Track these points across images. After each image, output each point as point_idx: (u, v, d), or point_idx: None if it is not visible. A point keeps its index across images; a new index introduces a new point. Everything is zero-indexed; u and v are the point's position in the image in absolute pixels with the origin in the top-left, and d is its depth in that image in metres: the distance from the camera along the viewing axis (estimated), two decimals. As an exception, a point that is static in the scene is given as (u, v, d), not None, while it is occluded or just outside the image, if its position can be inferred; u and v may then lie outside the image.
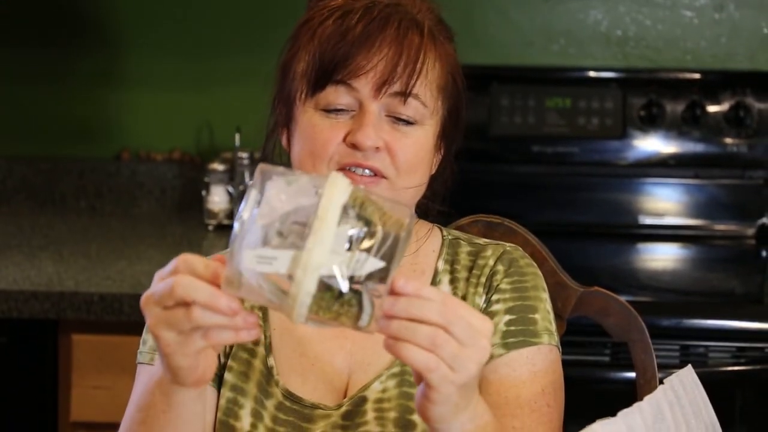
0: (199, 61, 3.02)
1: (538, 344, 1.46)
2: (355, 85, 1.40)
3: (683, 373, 1.29)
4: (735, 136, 2.87)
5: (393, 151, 1.41)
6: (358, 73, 1.40)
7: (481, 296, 1.49)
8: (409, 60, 1.40)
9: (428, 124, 1.44)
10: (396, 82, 1.40)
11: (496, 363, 1.45)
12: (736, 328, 2.34)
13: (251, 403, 1.45)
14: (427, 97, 1.43)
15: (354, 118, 1.41)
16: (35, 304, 2.32)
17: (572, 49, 3.01)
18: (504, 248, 1.53)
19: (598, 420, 1.22)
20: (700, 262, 2.86)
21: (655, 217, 2.91)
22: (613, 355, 2.31)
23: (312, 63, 1.42)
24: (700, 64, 2.99)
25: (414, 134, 1.43)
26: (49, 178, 3.05)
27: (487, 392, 1.44)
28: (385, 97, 1.41)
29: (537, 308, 1.48)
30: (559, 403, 1.46)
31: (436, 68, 1.44)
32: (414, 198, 1.48)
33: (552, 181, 2.92)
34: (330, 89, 1.41)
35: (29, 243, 2.71)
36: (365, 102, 1.41)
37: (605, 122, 2.88)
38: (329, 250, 1.09)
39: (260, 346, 1.48)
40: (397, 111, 1.42)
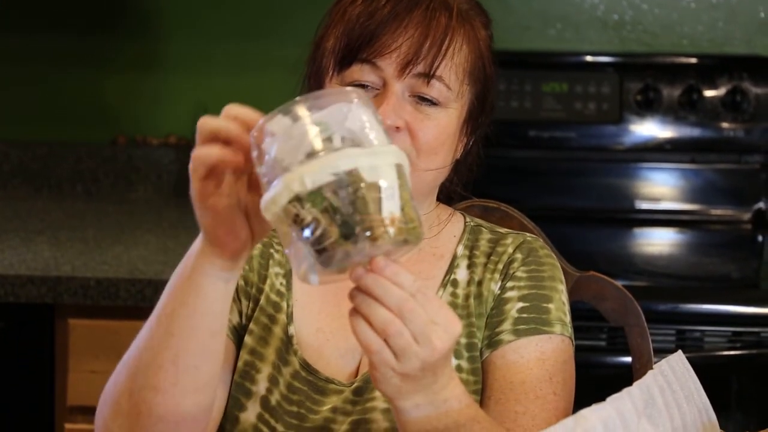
0: (194, 46, 3.02)
1: (549, 333, 1.46)
2: (380, 64, 1.41)
3: (673, 358, 1.29)
4: (732, 121, 2.87)
5: (414, 131, 1.42)
6: (383, 52, 1.40)
7: (497, 282, 1.50)
8: (434, 41, 1.41)
9: (452, 108, 1.45)
10: (420, 63, 1.40)
11: (504, 349, 1.45)
12: (732, 312, 2.34)
13: (269, 368, 1.47)
14: (451, 80, 1.43)
15: (377, 96, 1.42)
16: (32, 289, 2.32)
17: (569, 34, 3.00)
18: (525, 237, 1.55)
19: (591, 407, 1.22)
20: (697, 246, 2.86)
21: (651, 201, 2.92)
22: (609, 339, 2.31)
23: (340, 41, 1.43)
24: (697, 49, 2.99)
25: (437, 116, 1.43)
26: (45, 163, 3.05)
27: (493, 377, 1.45)
28: (408, 78, 1.41)
29: (552, 298, 1.49)
30: (568, 394, 1.45)
31: (464, 51, 1.44)
32: (435, 180, 1.48)
33: (549, 166, 2.92)
34: (355, 67, 1.42)
35: (26, 227, 2.70)
36: (389, 81, 1.41)
37: (602, 107, 2.88)
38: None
39: (282, 313, 1.49)
40: (421, 91, 1.42)
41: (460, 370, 1.46)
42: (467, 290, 1.51)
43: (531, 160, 2.91)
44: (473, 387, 1.46)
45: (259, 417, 1.45)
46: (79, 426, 2.39)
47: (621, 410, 1.18)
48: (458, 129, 1.47)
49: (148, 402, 1.24)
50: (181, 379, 1.23)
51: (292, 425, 1.45)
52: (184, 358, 1.23)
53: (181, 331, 1.22)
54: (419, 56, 1.40)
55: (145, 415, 1.25)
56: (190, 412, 1.25)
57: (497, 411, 1.42)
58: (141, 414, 1.25)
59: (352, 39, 1.42)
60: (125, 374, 1.28)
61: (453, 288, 1.51)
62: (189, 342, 1.23)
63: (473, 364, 1.47)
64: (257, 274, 1.51)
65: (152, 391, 1.24)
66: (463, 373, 1.46)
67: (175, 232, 2.68)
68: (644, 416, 1.21)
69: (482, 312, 1.49)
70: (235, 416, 1.46)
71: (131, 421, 1.26)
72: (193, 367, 1.23)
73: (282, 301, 1.50)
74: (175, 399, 1.24)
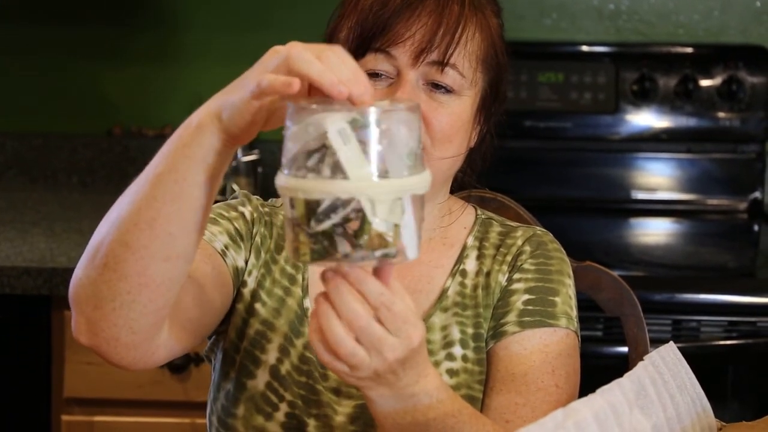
0: (192, 37, 3.01)
1: (554, 326, 1.46)
2: (394, 53, 1.42)
3: (664, 349, 1.29)
4: (728, 110, 2.87)
5: (428, 120, 1.42)
6: (397, 41, 1.41)
7: (505, 274, 1.51)
8: (447, 29, 1.42)
9: (466, 95, 1.45)
10: (434, 51, 1.41)
11: (508, 340, 1.46)
12: (728, 302, 2.35)
13: (280, 339, 1.47)
14: (465, 68, 1.44)
15: (391, 86, 1.42)
16: (28, 280, 2.32)
17: (565, 24, 3.00)
18: (534, 231, 1.55)
19: (580, 399, 1.21)
20: (693, 236, 2.86)
21: (647, 191, 2.92)
22: (605, 329, 2.31)
23: (353, 30, 1.44)
24: (692, 38, 2.99)
25: (451, 104, 1.44)
26: (41, 154, 3.04)
27: (496, 367, 1.45)
28: (422, 66, 1.42)
29: (558, 292, 1.49)
30: (571, 387, 1.45)
31: (476, 39, 1.45)
32: (450, 169, 1.49)
33: (544, 156, 2.92)
34: (369, 56, 1.43)
35: (21, 219, 2.70)
36: (403, 70, 1.42)
37: (598, 97, 2.88)
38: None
39: (297, 286, 1.50)
40: (435, 79, 1.43)
41: (465, 359, 1.47)
42: (475, 281, 1.51)
43: (527, 150, 2.91)
44: (478, 377, 1.46)
45: (267, 385, 1.46)
46: (75, 417, 2.39)
47: (612, 402, 1.17)
48: (472, 117, 1.48)
49: (116, 257, 1.21)
50: (153, 243, 1.20)
51: (301, 395, 1.46)
52: (162, 223, 1.20)
53: (164, 196, 1.20)
54: (433, 44, 1.41)
55: (110, 268, 1.22)
56: (154, 279, 1.22)
57: (498, 402, 1.43)
58: (107, 267, 1.22)
59: (365, 28, 1.42)
60: (104, 226, 1.26)
61: (461, 278, 1.52)
62: (170, 207, 1.20)
63: (479, 354, 1.47)
64: (275, 242, 1.52)
65: (123, 247, 1.21)
66: (468, 362, 1.47)
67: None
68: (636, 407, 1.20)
69: (489, 303, 1.50)
70: (242, 383, 1.47)
71: (97, 272, 1.23)
72: (168, 234, 1.20)
73: (297, 274, 1.51)
74: (143, 261, 1.21)
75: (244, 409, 1.47)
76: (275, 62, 1.15)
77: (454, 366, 1.46)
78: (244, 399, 1.47)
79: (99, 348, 1.28)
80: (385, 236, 1.09)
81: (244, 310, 1.49)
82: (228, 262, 1.46)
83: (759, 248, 2.79)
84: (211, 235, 1.46)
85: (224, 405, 1.49)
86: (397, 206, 1.10)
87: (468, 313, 1.49)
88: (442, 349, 1.47)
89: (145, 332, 1.26)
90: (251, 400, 1.46)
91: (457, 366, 1.46)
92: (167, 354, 1.32)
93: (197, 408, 2.39)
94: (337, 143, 1.08)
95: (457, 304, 1.50)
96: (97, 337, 1.26)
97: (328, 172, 1.08)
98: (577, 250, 1.79)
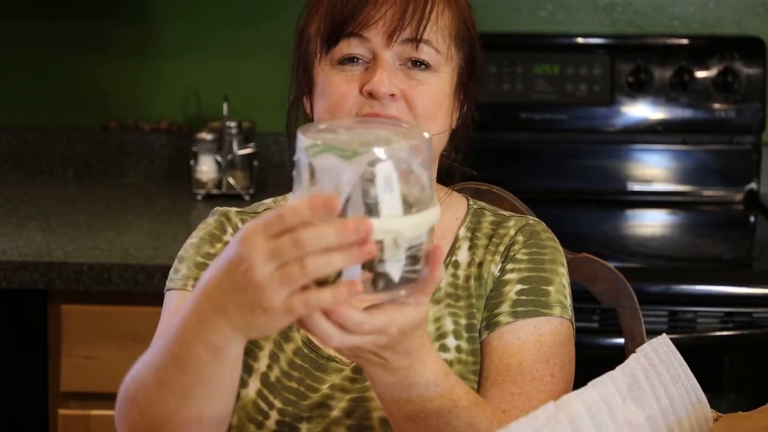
0: (187, 31, 3.01)
1: (548, 315, 1.47)
2: (367, 35, 1.43)
3: (656, 341, 1.29)
4: (723, 102, 2.87)
5: (409, 98, 1.43)
6: (368, 23, 1.42)
7: (497, 264, 1.51)
8: (417, 6, 1.43)
9: (443, 71, 1.46)
10: (406, 29, 1.42)
11: (502, 330, 1.46)
12: (724, 293, 2.35)
13: (270, 345, 1.48)
14: (439, 42, 1.45)
15: (368, 69, 1.43)
16: (24, 275, 2.32)
17: (560, 15, 3.00)
18: (527, 220, 1.55)
19: (572, 392, 1.21)
20: (689, 227, 2.86)
21: (643, 183, 2.92)
22: (601, 321, 2.31)
23: (324, 20, 1.45)
24: (688, 30, 2.99)
25: (430, 81, 1.45)
26: (36, 148, 3.04)
27: (490, 358, 1.45)
28: (397, 45, 1.43)
29: (552, 281, 1.49)
30: (566, 376, 1.45)
31: (446, 15, 1.46)
32: (437, 147, 1.49)
33: (540, 148, 2.92)
34: (343, 43, 1.44)
35: (17, 213, 2.70)
36: (378, 51, 1.43)
37: (593, 89, 2.88)
38: None
39: None
40: (411, 56, 1.44)
41: (459, 350, 1.47)
42: (468, 271, 1.51)
43: (523, 142, 2.91)
44: (472, 368, 1.46)
45: (258, 393, 1.46)
46: (72, 412, 2.39)
47: (604, 394, 1.17)
48: (452, 93, 1.48)
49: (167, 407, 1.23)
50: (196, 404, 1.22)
51: (291, 401, 1.46)
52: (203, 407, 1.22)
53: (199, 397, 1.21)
54: (404, 22, 1.42)
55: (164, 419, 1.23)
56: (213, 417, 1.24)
57: (494, 392, 1.43)
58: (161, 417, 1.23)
59: (335, 16, 1.43)
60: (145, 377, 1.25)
61: (454, 269, 1.52)
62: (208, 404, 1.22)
63: (472, 345, 1.47)
64: None
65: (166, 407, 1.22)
66: (462, 353, 1.47)
67: (167, 217, 2.68)
68: (629, 399, 1.20)
69: (482, 294, 1.50)
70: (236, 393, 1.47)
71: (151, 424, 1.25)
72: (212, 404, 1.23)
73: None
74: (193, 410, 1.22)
75: (236, 418, 1.47)
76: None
77: (448, 357, 1.46)
78: (236, 408, 1.47)
79: None
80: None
81: None
82: None
83: (755, 239, 2.80)
84: None
85: None
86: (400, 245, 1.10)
87: (461, 304, 1.49)
88: (436, 340, 1.47)
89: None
90: (243, 409, 1.47)
91: (451, 357, 1.46)
92: None
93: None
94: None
95: (449, 295, 1.50)
96: None
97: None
98: (573, 242, 1.80)
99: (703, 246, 2.67)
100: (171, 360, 1.20)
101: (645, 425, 1.20)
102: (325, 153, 1.08)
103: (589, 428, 1.13)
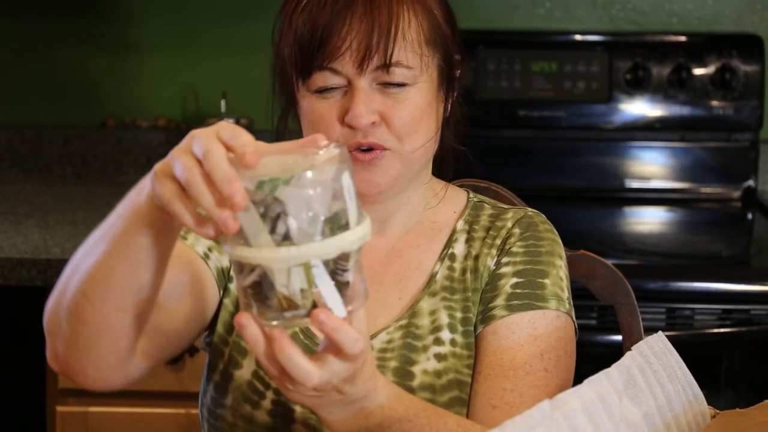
0: (183, 27, 3.01)
1: (543, 308, 1.46)
2: (337, 67, 1.42)
3: (652, 339, 1.29)
4: (721, 99, 2.87)
5: (388, 119, 1.43)
6: (336, 55, 1.41)
7: (493, 258, 1.51)
8: (381, 30, 1.41)
9: (421, 81, 1.45)
10: (374, 56, 1.41)
11: (496, 324, 1.45)
12: (722, 290, 2.35)
13: None
14: (409, 59, 1.43)
15: (347, 94, 1.43)
16: (22, 272, 2.32)
17: (558, 13, 3.00)
18: (525, 212, 1.55)
19: (567, 390, 1.21)
20: (687, 225, 2.86)
21: (641, 180, 2.92)
22: (599, 318, 2.31)
23: (293, 50, 1.44)
24: (686, 27, 2.99)
25: (407, 97, 1.44)
26: (34, 146, 3.04)
27: (484, 352, 1.45)
28: (369, 72, 1.42)
29: (548, 273, 1.48)
30: (562, 371, 1.44)
31: (414, 25, 1.44)
32: (425, 155, 1.49)
33: (538, 146, 2.92)
34: (316, 75, 1.43)
35: (14, 210, 2.70)
36: (352, 80, 1.42)
37: (591, 86, 2.88)
38: None
39: None
40: (384, 80, 1.43)
41: (454, 344, 1.46)
42: (464, 264, 1.51)
43: (521, 139, 2.91)
44: (466, 361, 1.46)
45: (254, 374, 1.47)
46: (70, 408, 2.39)
47: (600, 392, 1.17)
48: (434, 97, 1.48)
49: (77, 304, 1.24)
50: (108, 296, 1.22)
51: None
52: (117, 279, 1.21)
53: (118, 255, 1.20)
54: (371, 50, 1.41)
55: (73, 314, 1.25)
56: (112, 327, 1.24)
57: (486, 387, 1.42)
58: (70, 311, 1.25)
59: (303, 48, 1.43)
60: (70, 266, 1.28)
61: (450, 262, 1.52)
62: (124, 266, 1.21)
63: (467, 338, 1.47)
64: None
65: (82, 297, 1.23)
66: (457, 347, 1.46)
67: (165, 214, 2.68)
68: (626, 396, 1.20)
69: (477, 287, 1.49)
70: (230, 374, 1.48)
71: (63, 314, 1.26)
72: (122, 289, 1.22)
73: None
74: (101, 311, 1.23)
75: (231, 398, 1.47)
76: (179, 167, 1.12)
77: (442, 350, 1.46)
78: (231, 389, 1.47)
79: (69, 376, 1.31)
80: (294, 299, 1.10)
81: (232, 305, 1.50)
82: (211, 264, 1.47)
83: (752, 236, 2.80)
84: (193, 239, 1.47)
85: (213, 396, 1.49)
86: (298, 273, 1.09)
87: (456, 297, 1.49)
88: (431, 333, 1.47)
89: (110, 367, 1.29)
90: (238, 389, 1.47)
91: (446, 350, 1.46)
92: (141, 372, 1.34)
93: (192, 398, 2.39)
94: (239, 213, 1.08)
95: (445, 288, 1.50)
96: (66, 367, 1.30)
97: (239, 238, 1.09)
98: (571, 239, 1.79)
99: (701, 243, 2.67)
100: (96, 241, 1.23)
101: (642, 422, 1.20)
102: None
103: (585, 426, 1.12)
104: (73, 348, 1.27)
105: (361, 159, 1.43)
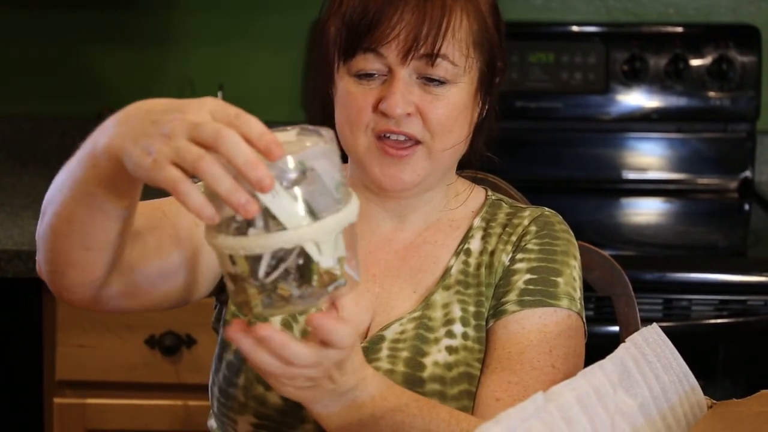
0: (180, 18, 3.01)
1: (555, 306, 1.46)
2: (383, 51, 1.42)
3: (646, 330, 1.29)
4: (718, 90, 2.87)
5: (424, 114, 1.43)
6: (383, 41, 1.41)
7: (509, 254, 1.51)
8: (432, 23, 1.41)
9: (462, 82, 1.45)
10: (422, 46, 1.41)
11: (507, 319, 1.46)
12: (719, 281, 2.35)
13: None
14: (456, 57, 1.44)
15: (385, 83, 1.43)
16: (19, 264, 2.32)
17: (555, 3, 3.00)
18: (542, 211, 1.56)
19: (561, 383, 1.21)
20: (684, 215, 2.86)
21: (638, 171, 2.92)
22: (596, 309, 2.32)
23: (340, 32, 1.45)
24: (683, 18, 2.99)
25: (446, 95, 1.44)
26: (30, 137, 3.04)
27: (493, 346, 1.46)
28: (413, 61, 1.42)
29: (562, 272, 1.49)
30: (569, 369, 1.45)
31: (465, 25, 1.44)
32: (453, 157, 1.50)
33: (535, 137, 2.92)
34: (359, 57, 1.43)
35: (11, 202, 2.70)
36: (394, 68, 1.43)
37: (588, 77, 2.88)
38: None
39: None
40: (427, 73, 1.43)
41: (465, 337, 1.47)
42: (479, 259, 1.52)
43: (518, 130, 2.91)
44: (477, 355, 1.47)
45: None
46: (67, 400, 2.39)
47: (594, 384, 1.17)
48: (471, 100, 1.48)
49: (46, 234, 1.27)
50: (71, 235, 1.24)
51: None
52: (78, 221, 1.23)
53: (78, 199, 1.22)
54: (419, 41, 1.41)
55: (46, 240, 1.27)
56: (77, 262, 1.27)
57: (492, 379, 1.43)
58: (44, 238, 1.28)
59: (352, 29, 1.43)
60: (47, 195, 1.31)
61: (465, 257, 1.52)
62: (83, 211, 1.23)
63: (479, 332, 1.48)
64: None
65: (50, 229, 1.26)
66: (468, 340, 1.47)
67: (162, 205, 2.68)
68: (620, 388, 1.20)
69: (491, 282, 1.50)
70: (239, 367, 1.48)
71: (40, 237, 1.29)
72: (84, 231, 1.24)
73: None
74: (65, 246, 1.26)
75: (244, 378, 1.47)
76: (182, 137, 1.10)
77: (454, 343, 1.47)
78: (245, 369, 1.47)
79: (51, 288, 1.35)
80: (333, 271, 1.11)
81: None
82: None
83: (749, 227, 2.80)
84: None
85: (225, 375, 1.49)
86: (339, 240, 1.11)
87: (470, 292, 1.50)
88: (443, 326, 1.48)
89: (83, 292, 1.31)
90: (251, 370, 1.46)
91: (457, 343, 1.47)
92: (121, 307, 1.37)
93: (189, 390, 2.39)
94: (266, 198, 1.07)
95: (459, 282, 1.50)
96: (48, 281, 1.34)
97: (262, 224, 1.08)
98: (568, 230, 1.79)
99: (698, 234, 2.67)
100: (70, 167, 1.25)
101: (637, 413, 1.20)
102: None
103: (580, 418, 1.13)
104: (49, 268, 1.30)
105: (392, 153, 1.44)
